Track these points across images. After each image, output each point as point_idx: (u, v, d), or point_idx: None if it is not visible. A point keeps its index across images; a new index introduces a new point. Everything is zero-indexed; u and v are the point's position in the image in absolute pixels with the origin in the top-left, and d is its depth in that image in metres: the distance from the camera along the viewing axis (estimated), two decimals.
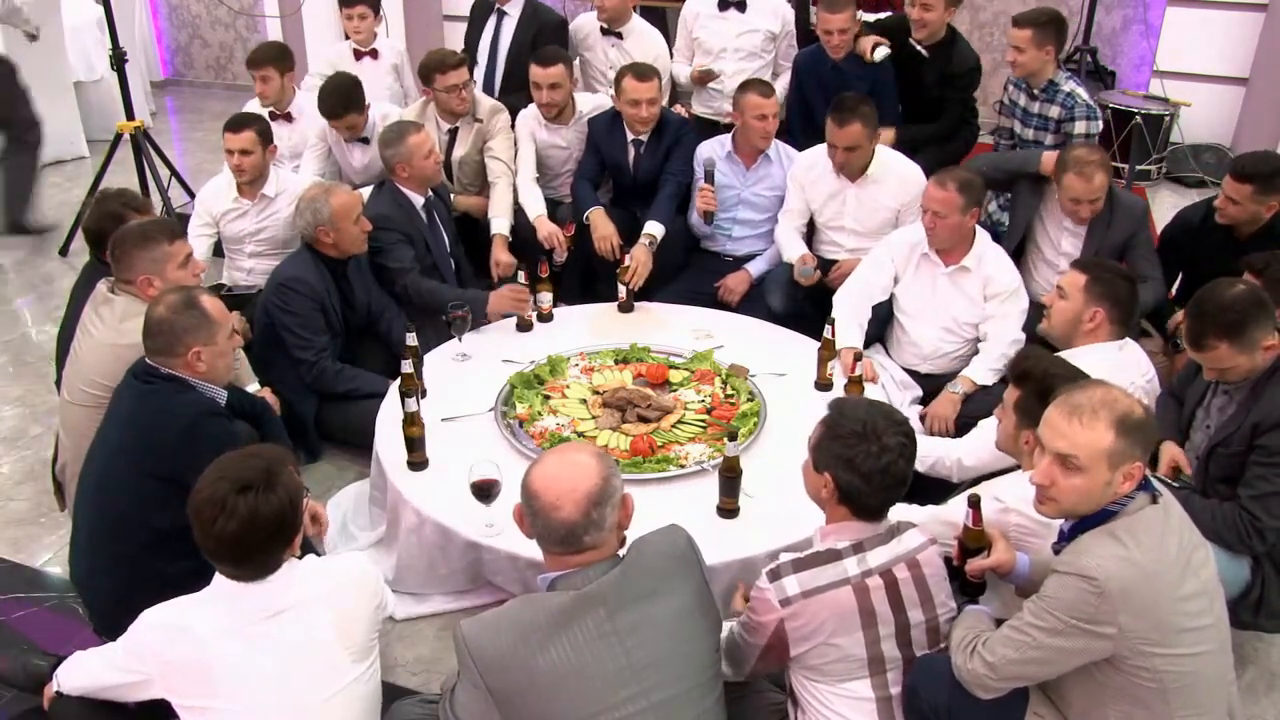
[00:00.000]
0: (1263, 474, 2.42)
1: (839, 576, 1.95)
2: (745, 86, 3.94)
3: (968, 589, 2.15)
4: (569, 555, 1.83)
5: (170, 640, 1.89)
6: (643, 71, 4.03)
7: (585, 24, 4.84)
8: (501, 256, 4.07)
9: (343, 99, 4.18)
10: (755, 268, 4.08)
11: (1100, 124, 4.02)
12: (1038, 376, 2.28)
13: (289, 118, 4.56)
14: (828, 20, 4.26)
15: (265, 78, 4.44)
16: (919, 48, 4.39)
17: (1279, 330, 2.49)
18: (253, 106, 4.60)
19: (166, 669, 1.90)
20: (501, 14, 4.78)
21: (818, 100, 4.27)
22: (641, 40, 4.69)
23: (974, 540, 2.11)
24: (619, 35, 4.69)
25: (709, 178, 3.97)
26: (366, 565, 2.06)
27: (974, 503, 2.10)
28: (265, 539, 1.85)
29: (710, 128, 4.53)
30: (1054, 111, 4.04)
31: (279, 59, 4.46)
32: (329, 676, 1.91)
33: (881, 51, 4.28)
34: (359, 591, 1.98)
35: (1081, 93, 4.02)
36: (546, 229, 4.11)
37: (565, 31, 4.80)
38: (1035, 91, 4.10)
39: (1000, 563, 2.09)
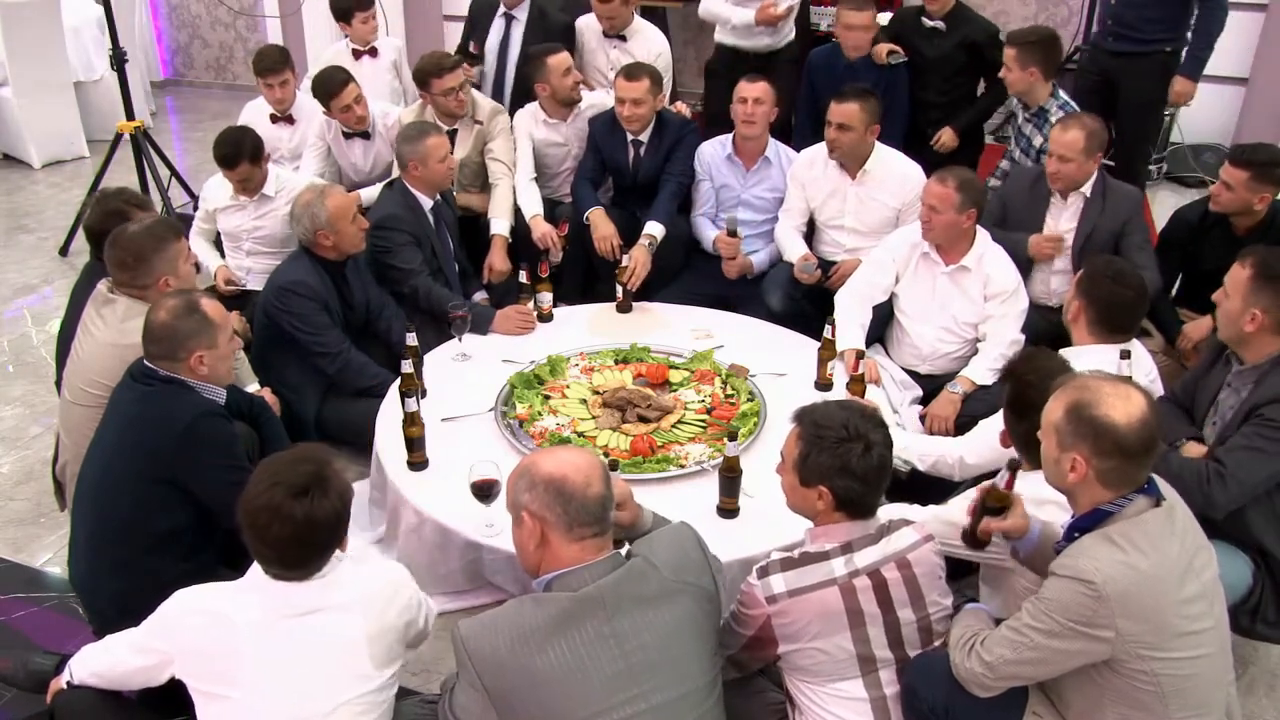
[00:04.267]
0: (1248, 432, 2.43)
1: (825, 577, 1.95)
2: None
3: (973, 545, 2.10)
4: (590, 540, 1.83)
5: (206, 625, 1.88)
6: (631, 71, 4.02)
7: (587, 25, 4.83)
8: (498, 264, 4.07)
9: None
10: (758, 260, 4.06)
11: None
12: (1027, 377, 2.28)
13: (290, 120, 4.56)
14: (850, 17, 4.30)
15: (283, 82, 4.43)
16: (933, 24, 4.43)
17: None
18: (255, 108, 4.61)
19: (191, 652, 1.89)
20: (510, 18, 4.77)
21: (829, 100, 4.26)
22: (644, 41, 4.67)
23: (997, 500, 2.03)
24: (622, 37, 4.68)
25: (730, 234, 3.91)
26: (408, 579, 2.04)
27: (1013, 467, 2.02)
28: (321, 541, 1.87)
29: (732, 54, 4.78)
30: (1037, 141, 3.96)
31: (288, 61, 4.46)
32: (348, 681, 1.89)
33: (895, 58, 4.31)
34: (395, 598, 1.97)
35: None
36: (541, 229, 4.10)
37: (572, 34, 4.78)
38: (1029, 114, 4.04)
39: (1014, 527, 2.02)
